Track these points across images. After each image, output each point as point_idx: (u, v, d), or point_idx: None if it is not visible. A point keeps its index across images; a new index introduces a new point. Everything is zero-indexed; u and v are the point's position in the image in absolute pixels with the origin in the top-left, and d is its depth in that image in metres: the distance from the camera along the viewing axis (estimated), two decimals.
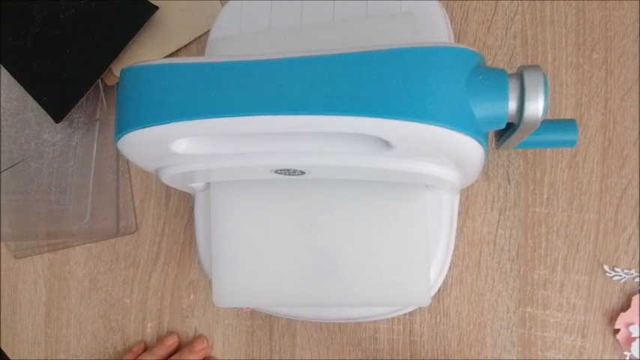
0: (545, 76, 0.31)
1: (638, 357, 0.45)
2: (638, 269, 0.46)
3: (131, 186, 0.56)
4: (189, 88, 0.32)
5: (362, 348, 0.50)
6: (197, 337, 0.52)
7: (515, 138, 0.34)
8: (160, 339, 0.53)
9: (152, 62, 0.33)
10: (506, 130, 0.35)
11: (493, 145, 0.45)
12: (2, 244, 0.58)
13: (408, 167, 0.35)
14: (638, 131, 0.47)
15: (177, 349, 0.52)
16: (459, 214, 0.48)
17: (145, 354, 0.51)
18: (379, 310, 0.47)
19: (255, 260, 0.45)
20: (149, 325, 0.54)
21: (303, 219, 0.44)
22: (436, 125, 0.30)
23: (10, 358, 0.57)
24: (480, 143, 0.32)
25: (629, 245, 0.46)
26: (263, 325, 0.52)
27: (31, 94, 0.54)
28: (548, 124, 0.39)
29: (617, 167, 0.47)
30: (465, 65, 0.30)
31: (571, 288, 0.47)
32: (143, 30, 0.53)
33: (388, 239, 0.43)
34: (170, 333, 0.53)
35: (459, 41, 0.50)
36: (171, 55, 0.55)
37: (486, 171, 0.48)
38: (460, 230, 0.48)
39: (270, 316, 0.51)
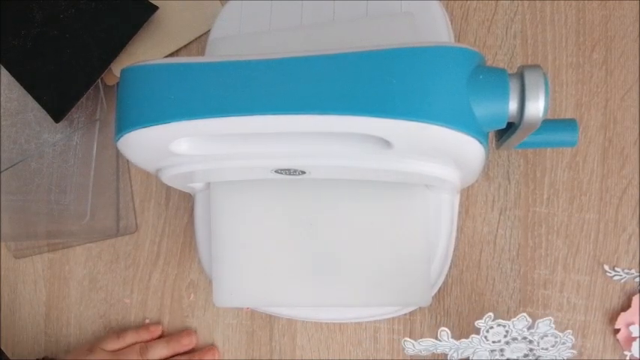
0: (545, 75, 0.31)
1: (638, 357, 0.45)
2: (638, 269, 0.46)
3: (131, 186, 0.55)
4: (189, 88, 0.32)
5: (362, 348, 0.50)
6: (210, 348, 0.52)
7: (516, 138, 0.34)
8: (178, 335, 0.52)
9: (152, 62, 0.33)
10: (507, 130, 0.35)
11: (493, 145, 0.45)
12: (2, 244, 0.57)
13: (408, 167, 0.35)
14: (638, 131, 0.47)
15: (191, 350, 0.52)
16: (459, 213, 0.48)
17: (159, 341, 0.51)
18: (379, 310, 0.47)
19: (255, 260, 0.45)
20: (147, 321, 0.54)
21: (304, 219, 0.44)
22: (437, 125, 0.30)
23: (10, 358, 0.57)
24: (481, 143, 0.32)
25: (629, 245, 0.46)
26: (263, 325, 0.52)
27: (31, 94, 0.54)
28: (549, 124, 0.39)
29: (618, 167, 0.47)
30: (466, 65, 0.30)
31: (571, 288, 0.47)
32: (143, 30, 0.53)
33: (388, 239, 0.43)
34: (189, 331, 0.52)
35: (459, 41, 0.50)
36: (171, 55, 0.55)
37: (486, 171, 0.48)
38: (460, 230, 0.48)
39: (271, 316, 0.51)
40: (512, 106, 0.31)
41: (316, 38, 0.45)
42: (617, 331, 0.45)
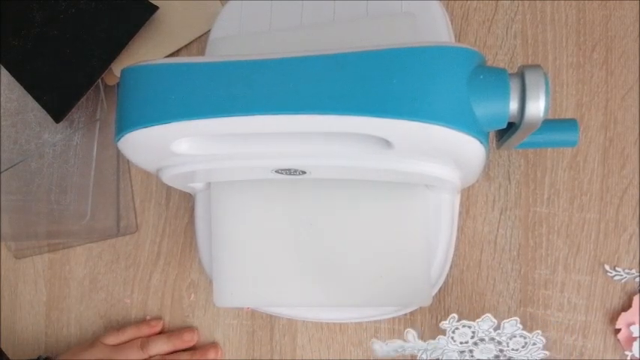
0: (546, 75, 0.31)
1: (639, 357, 0.45)
2: (638, 269, 0.46)
3: (131, 186, 0.55)
4: (190, 88, 0.32)
5: (362, 348, 0.50)
6: (213, 345, 0.52)
7: (516, 138, 0.34)
8: (179, 331, 0.52)
9: (152, 62, 0.33)
10: (507, 130, 0.35)
11: (494, 145, 0.45)
12: (2, 244, 0.57)
13: (408, 167, 0.35)
14: (638, 131, 0.47)
15: (192, 347, 0.52)
16: (460, 213, 0.48)
17: (160, 336, 0.51)
18: (379, 310, 0.47)
19: (255, 260, 0.45)
20: (148, 317, 0.54)
21: (304, 219, 0.44)
22: (437, 125, 0.30)
23: (10, 358, 0.57)
24: (481, 143, 0.32)
25: (629, 245, 0.46)
26: (264, 325, 0.52)
27: (31, 94, 0.54)
28: (549, 123, 0.39)
29: (618, 167, 0.47)
30: (466, 65, 0.30)
31: (572, 288, 0.47)
32: (143, 30, 0.53)
33: (389, 239, 0.43)
34: (190, 329, 0.52)
35: (459, 41, 0.50)
36: (171, 55, 0.55)
37: (487, 171, 0.48)
38: (461, 230, 0.48)
39: (271, 316, 0.51)
40: (513, 106, 0.31)
41: (316, 38, 0.45)
42: (618, 331, 0.45)
